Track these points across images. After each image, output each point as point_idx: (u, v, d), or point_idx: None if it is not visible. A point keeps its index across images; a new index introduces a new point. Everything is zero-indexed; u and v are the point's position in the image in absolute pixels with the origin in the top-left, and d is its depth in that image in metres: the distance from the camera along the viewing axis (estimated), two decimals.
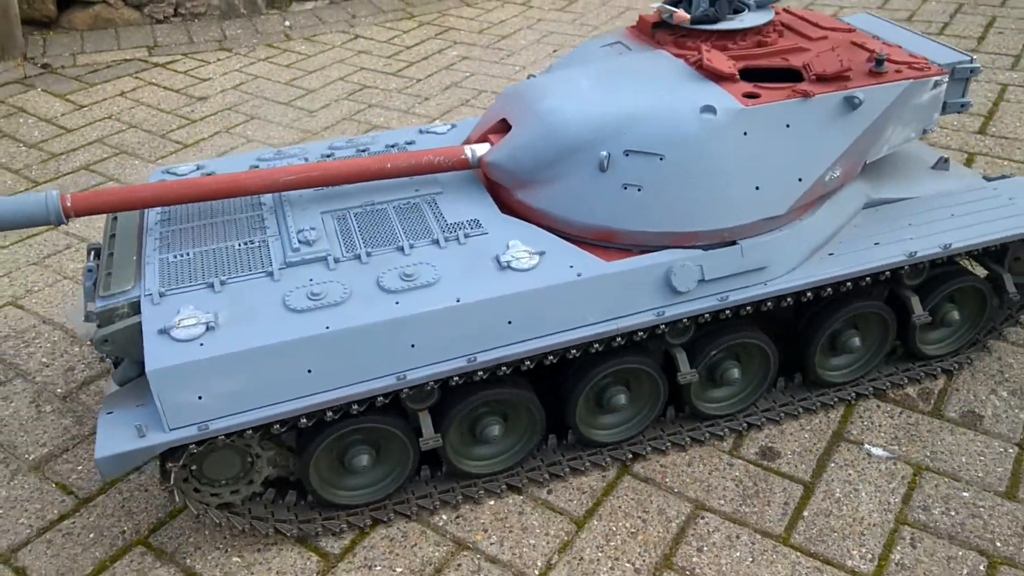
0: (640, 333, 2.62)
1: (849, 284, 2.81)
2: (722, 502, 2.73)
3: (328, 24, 7.10)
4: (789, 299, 2.76)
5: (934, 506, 2.70)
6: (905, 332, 3.10)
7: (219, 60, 6.40)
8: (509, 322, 2.45)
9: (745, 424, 2.98)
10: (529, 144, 2.64)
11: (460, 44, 6.69)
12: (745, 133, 2.56)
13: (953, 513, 2.68)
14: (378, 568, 2.55)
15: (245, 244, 2.59)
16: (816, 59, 2.73)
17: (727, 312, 2.72)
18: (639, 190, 2.56)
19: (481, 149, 2.75)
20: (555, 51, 6.47)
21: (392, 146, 3.09)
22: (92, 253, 2.79)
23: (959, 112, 3.18)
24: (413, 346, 2.39)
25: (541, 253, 2.53)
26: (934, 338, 3.22)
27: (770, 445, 2.94)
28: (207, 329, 2.29)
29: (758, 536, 2.62)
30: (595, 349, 2.61)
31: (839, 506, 2.71)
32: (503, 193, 2.76)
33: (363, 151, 3.04)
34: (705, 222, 2.58)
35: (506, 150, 2.68)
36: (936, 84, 2.85)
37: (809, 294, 2.77)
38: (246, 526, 2.56)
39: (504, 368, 2.52)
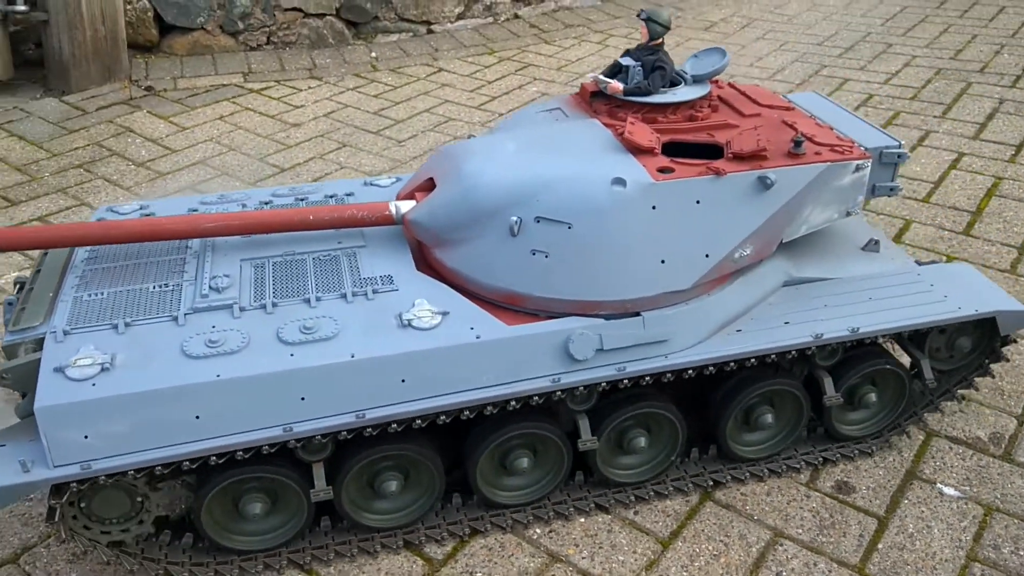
0: (536, 398, 2.63)
1: (754, 361, 2.82)
2: (800, 531, 2.90)
3: (412, 56, 7.42)
4: (691, 372, 2.76)
5: (1004, 545, 2.84)
6: (821, 412, 3.11)
7: (310, 88, 6.74)
8: (403, 380, 2.47)
9: (821, 458, 3.15)
10: (447, 204, 2.69)
11: (540, 80, 6.96)
12: (654, 207, 2.60)
13: (1022, 553, 2.82)
14: (479, 574, 2.76)
15: (159, 287, 2.63)
16: (737, 137, 2.77)
17: (626, 382, 2.72)
18: (546, 256, 2.60)
19: (405, 206, 2.79)
20: None
21: (331, 196, 3.12)
22: (18, 286, 2.82)
23: (889, 196, 3.20)
24: (303, 399, 2.41)
25: (444, 313, 2.56)
26: (853, 419, 3.22)
27: (845, 479, 3.10)
28: (102, 370, 2.33)
29: (835, 565, 2.78)
30: (489, 412, 2.62)
31: (912, 541, 2.86)
32: (425, 251, 2.82)
33: (302, 200, 3.08)
34: (608, 292, 2.63)
35: (426, 208, 2.72)
36: (858, 168, 2.87)
37: (711, 369, 2.79)
38: (135, 566, 2.61)
39: (395, 425, 2.54)
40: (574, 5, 8.56)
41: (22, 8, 6.11)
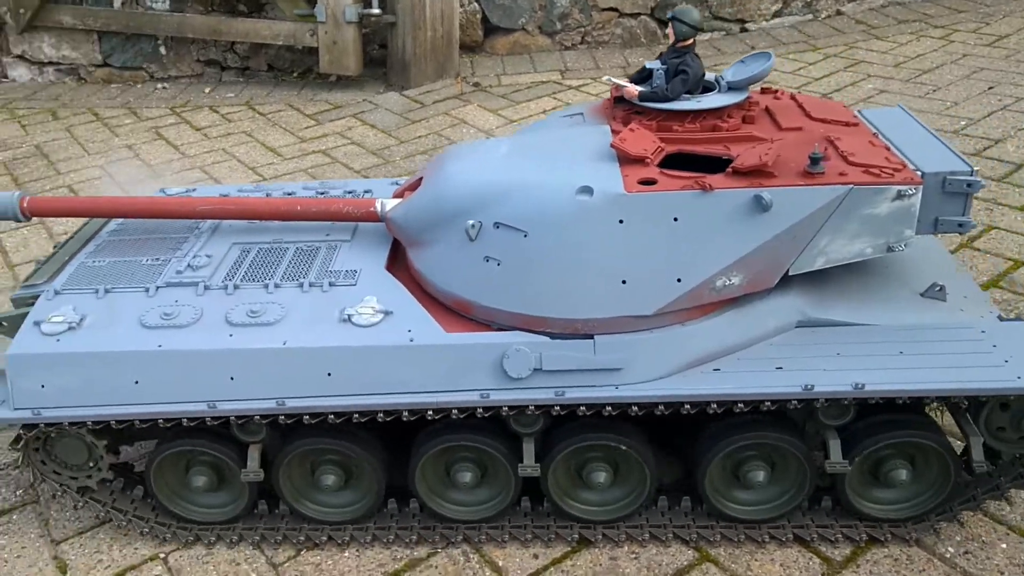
0: (480, 411, 2.51)
1: (742, 406, 2.51)
2: None
3: (726, 55, 7.36)
4: (635, 408, 2.51)
5: None
6: (833, 479, 2.68)
7: None
8: (328, 374, 2.48)
9: (840, 534, 2.81)
10: (421, 205, 2.67)
11: (875, 77, 6.66)
12: (621, 221, 2.40)
13: None
14: None
15: (151, 260, 2.87)
16: (746, 151, 2.47)
17: (583, 409, 2.52)
18: (498, 264, 2.47)
19: (390, 204, 2.80)
20: (990, 88, 6.24)
21: (349, 192, 3.17)
22: (54, 247, 3.20)
23: (958, 233, 2.64)
24: (232, 379, 2.50)
25: (387, 312, 2.54)
26: (879, 497, 2.76)
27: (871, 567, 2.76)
28: (68, 328, 2.59)
29: None
30: (406, 417, 2.55)
31: None
32: (402, 249, 2.81)
33: (322, 194, 3.16)
34: (556, 309, 2.44)
35: (404, 208, 2.72)
36: (901, 195, 2.42)
37: (662, 408, 2.52)
38: (102, 513, 2.87)
39: (307, 417, 2.56)
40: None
41: (376, 11, 7.14)
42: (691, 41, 2.73)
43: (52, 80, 7.87)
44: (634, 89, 2.77)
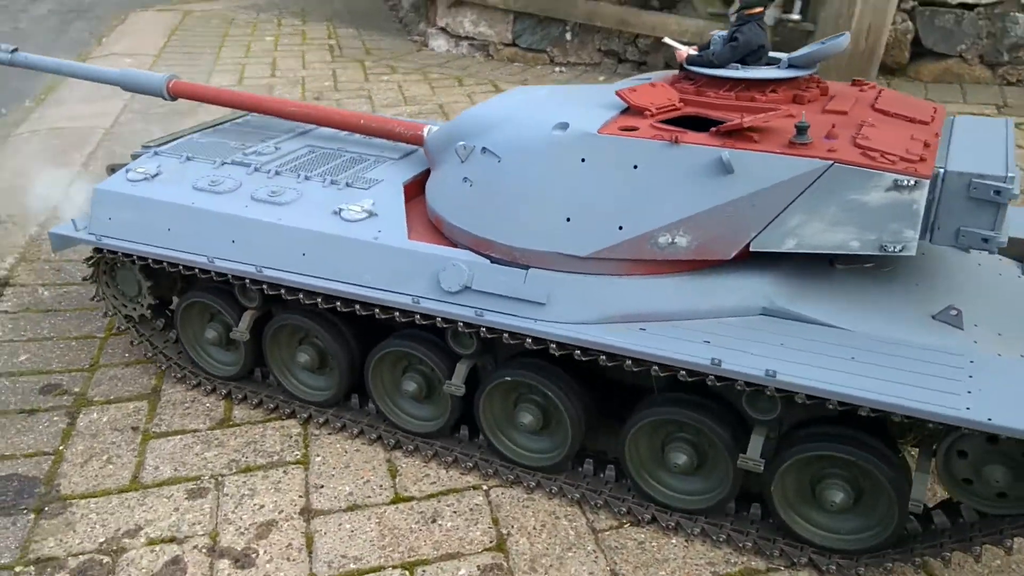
0: (418, 317, 2.70)
1: (654, 370, 2.44)
2: None
3: None
4: (553, 347, 2.55)
5: None
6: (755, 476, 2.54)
7: None
8: (303, 254, 2.80)
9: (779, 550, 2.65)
10: (444, 130, 2.93)
11: None
12: (583, 160, 2.44)
13: None
14: None
15: (240, 145, 3.42)
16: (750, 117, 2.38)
17: (531, 343, 2.58)
18: (470, 186, 2.64)
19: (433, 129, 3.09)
20: None
21: None
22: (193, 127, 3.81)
23: (985, 249, 2.30)
24: (233, 242, 2.90)
25: (372, 214, 2.82)
26: (819, 521, 2.60)
27: None
28: (144, 179, 3.16)
29: None
30: (356, 310, 2.82)
31: None
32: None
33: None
34: (499, 234, 2.55)
35: (434, 132, 3.00)
36: (898, 185, 2.21)
37: (578, 353, 2.53)
38: (141, 343, 3.47)
39: (283, 291, 2.90)
40: None
41: (795, 17, 6.42)
42: (758, 10, 2.69)
43: (464, 53, 8.53)
44: (684, 52, 2.79)
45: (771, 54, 2.79)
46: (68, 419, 3.29)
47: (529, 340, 2.58)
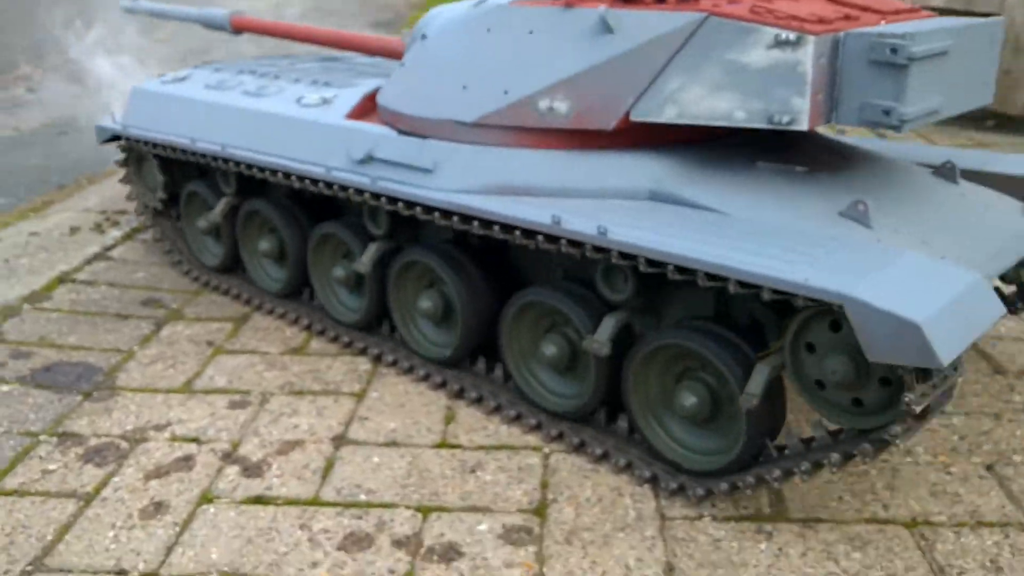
0: (336, 189, 2.76)
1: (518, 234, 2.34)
2: None
3: None
4: (437, 215, 2.51)
5: None
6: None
7: None
8: (262, 133, 3.00)
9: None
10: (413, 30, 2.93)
11: None
12: (488, 30, 2.49)
13: None
14: None
15: (272, 63, 3.70)
16: None
17: (401, 207, 2.60)
18: (401, 66, 2.80)
19: None
20: None
21: None
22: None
23: (888, 127, 2.06)
24: (213, 126, 3.16)
25: (326, 101, 2.96)
26: (677, 435, 2.34)
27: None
28: (175, 80, 3.50)
29: None
30: (299, 187, 2.93)
31: None
32: None
33: None
34: (407, 105, 2.65)
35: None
36: (779, 42, 2.03)
37: (455, 219, 2.48)
38: (161, 240, 3.78)
39: (242, 166, 3.09)
40: None
41: None
42: None
43: None
44: None
45: None
46: (154, 327, 3.22)
47: (418, 209, 2.56)
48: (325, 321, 3.13)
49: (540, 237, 2.29)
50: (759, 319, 2.24)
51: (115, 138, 3.63)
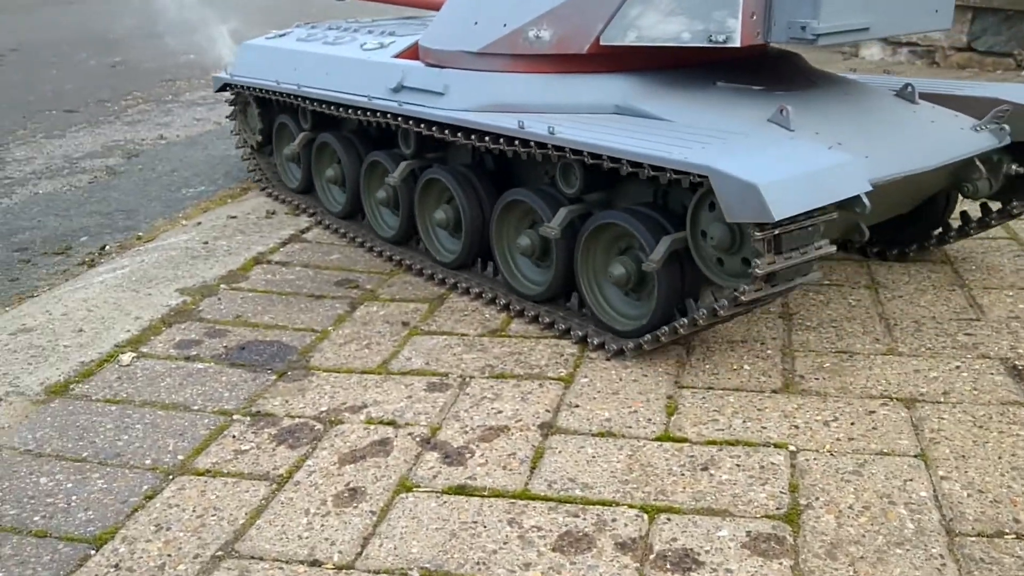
0: (377, 116, 3.23)
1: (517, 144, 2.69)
2: None
3: None
4: (446, 132, 2.92)
5: None
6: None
7: None
8: (327, 73, 3.50)
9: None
10: None
11: None
12: None
13: None
14: None
15: (372, 20, 4.14)
16: None
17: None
18: (439, 12, 3.17)
19: None
20: None
21: None
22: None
23: (809, 43, 2.33)
24: (295, 69, 3.70)
25: (382, 46, 3.42)
26: (615, 302, 2.68)
27: None
28: (276, 36, 4.09)
29: None
30: (354, 115, 3.35)
31: None
32: None
33: None
34: (432, 42, 3.08)
35: None
36: None
37: (453, 134, 2.88)
38: (255, 170, 4.54)
39: (308, 102, 3.68)
40: None
41: None
42: None
43: (902, 60, 7.33)
44: None
45: None
46: (349, 307, 3.05)
47: (434, 128, 2.95)
48: (373, 239, 3.59)
49: (516, 142, 2.66)
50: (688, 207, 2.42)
51: (227, 88, 4.34)
